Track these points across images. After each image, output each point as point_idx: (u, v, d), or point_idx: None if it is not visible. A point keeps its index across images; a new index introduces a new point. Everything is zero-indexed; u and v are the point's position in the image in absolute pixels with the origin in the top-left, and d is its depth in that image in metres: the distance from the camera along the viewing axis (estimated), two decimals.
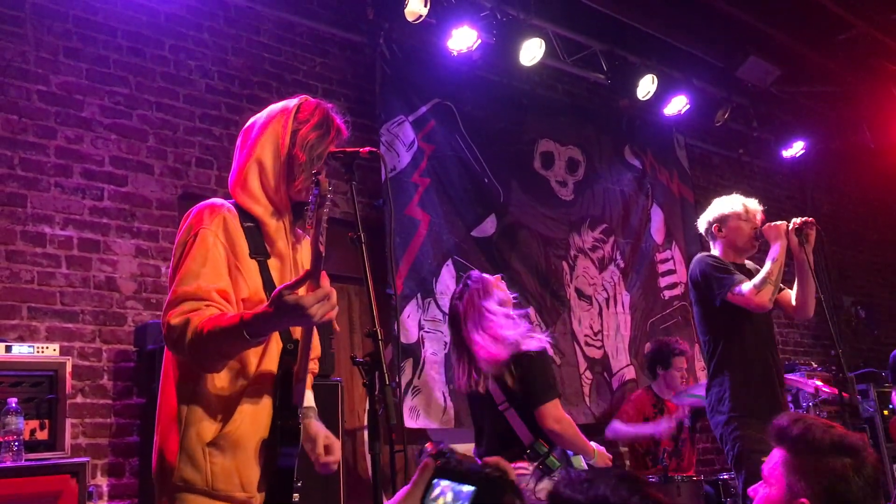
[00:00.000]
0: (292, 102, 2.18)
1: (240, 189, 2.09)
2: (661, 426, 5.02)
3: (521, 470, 3.19)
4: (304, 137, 2.11)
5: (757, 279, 3.56)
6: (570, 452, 3.27)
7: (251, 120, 2.21)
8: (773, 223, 3.69)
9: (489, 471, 1.23)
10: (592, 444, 3.34)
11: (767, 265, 3.58)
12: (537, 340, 3.23)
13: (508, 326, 3.24)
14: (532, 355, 3.18)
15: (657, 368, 5.38)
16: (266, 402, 2.00)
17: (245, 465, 1.94)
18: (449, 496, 1.23)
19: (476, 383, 3.24)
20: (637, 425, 5.16)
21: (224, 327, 1.81)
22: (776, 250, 3.61)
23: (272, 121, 2.14)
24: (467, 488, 1.22)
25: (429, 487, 1.22)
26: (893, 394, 5.82)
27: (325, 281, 1.81)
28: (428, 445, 1.27)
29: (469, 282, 3.39)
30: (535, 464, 3.16)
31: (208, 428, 1.92)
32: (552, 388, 3.20)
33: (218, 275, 1.94)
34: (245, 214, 2.06)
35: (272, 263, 2.07)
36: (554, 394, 3.18)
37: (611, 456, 3.41)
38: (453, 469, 1.24)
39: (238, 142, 2.20)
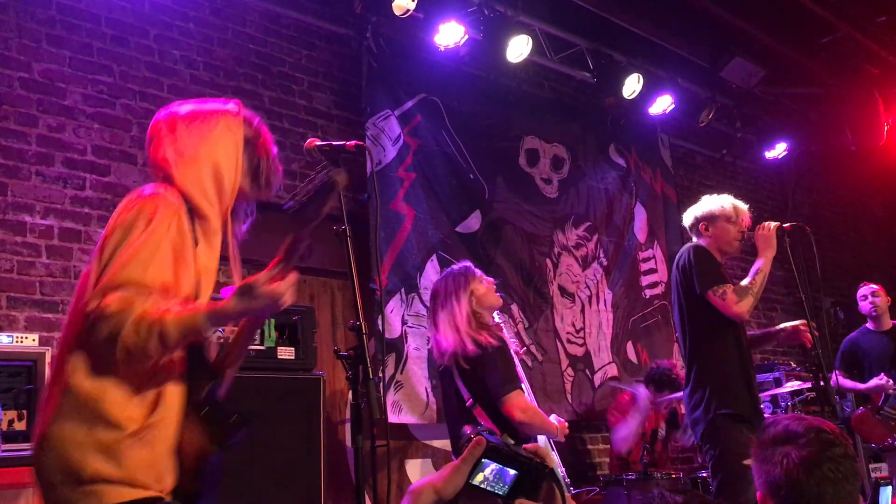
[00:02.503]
0: (233, 108, 2.15)
1: (191, 178, 2.01)
2: (639, 397, 5.27)
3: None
4: (264, 145, 2.15)
5: (739, 289, 3.53)
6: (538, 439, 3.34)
7: (184, 108, 2.13)
8: (765, 228, 3.64)
9: (531, 456, 1.26)
10: (552, 418, 3.41)
11: (751, 275, 3.55)
12: (485, 338, 3.30)
13: (465, 321, 3.36)
14: (488, 349, 3.24)
15: (652, 387, 5.43)
16: (182, 393, 1.94)
17: (162, 457, 1.87)
18: (494, 476, 1.25)
19: (441, 356, 3.40)
20: (627, 421, 5.28)
21: (178, 319, 1.76)
22: (762, 260, 3.58)
23: (220, 123, 2.10)
24: (511, 471, 1.26)
25: (477, 464, 1.24)
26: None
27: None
28: (467, 428, 1.30)
29: (456, 266, 3.58)
30: None
31: (130, 418, 1.82)
32: (511, 380, 3.27)
33: (166, 267, 1.87)
34: (186, 203, 1.99)
35: (199, 257, 2.02)
36: (514, 385, 3.26)
37: (566, 422, 3.47)
38: (501, 451, 1.26)
39: (170, 124, 2.09)
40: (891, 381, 5.44)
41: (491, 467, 1.25)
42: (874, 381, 5.52)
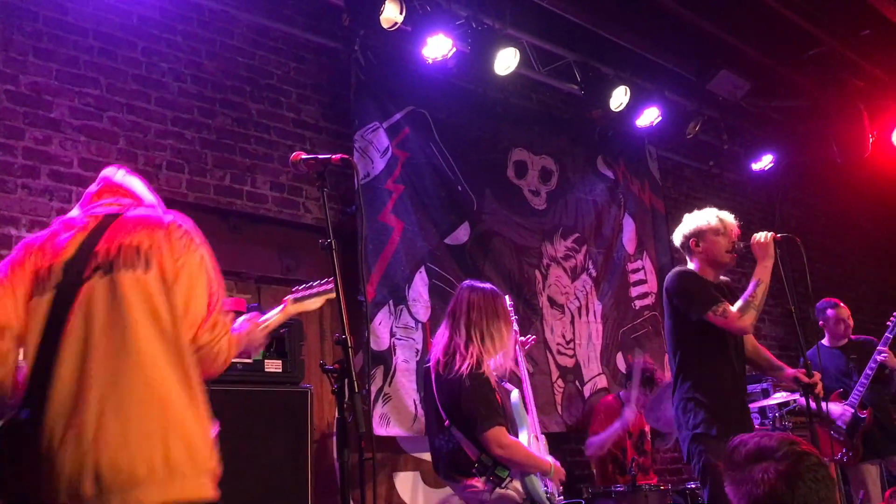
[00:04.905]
0: None
1: None
2: (626, 415, 5.24)
3: (473, 488, 3.23)
4: None
5: (740, 303, 3.49)
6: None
7: None
8: (762, 238, 3.60)
9: None
10: (548, 458, 3.39)
11: (752, 288, 3.51)
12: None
13: (490, 350, 3.39)
14: (465, 383, 3.24)
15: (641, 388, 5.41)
16: None
17: None
18: None
19: (448, 359, 3.34)
20: (608, 428, 5.26)
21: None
22: (761, 271, 3.54)
23: None
24: None
25: None
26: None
27: None
28: None
29: (491, 289, 3.56)
30: (486, 477, 3.22)
31: None
32: (490, 416, 3.23)
33: None
34: None
35: None
36: (493, 422, 3.22)
37: (564, 471, 3.48)
38: None
39: None
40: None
41: None
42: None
